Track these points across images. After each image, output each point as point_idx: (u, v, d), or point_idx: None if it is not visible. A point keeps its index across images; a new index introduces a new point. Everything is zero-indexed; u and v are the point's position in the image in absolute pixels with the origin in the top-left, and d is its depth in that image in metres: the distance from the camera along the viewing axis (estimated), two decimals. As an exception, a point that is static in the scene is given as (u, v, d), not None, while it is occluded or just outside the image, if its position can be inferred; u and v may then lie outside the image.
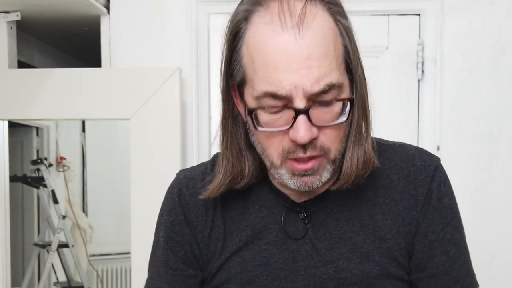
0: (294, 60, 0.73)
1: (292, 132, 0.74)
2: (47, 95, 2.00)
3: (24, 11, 2.07)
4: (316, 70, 0.73)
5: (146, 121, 1.96)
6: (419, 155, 0.86)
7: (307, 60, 0.73)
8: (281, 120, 0.75)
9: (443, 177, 0.86)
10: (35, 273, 3.00)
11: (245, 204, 0.87)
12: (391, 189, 0.85)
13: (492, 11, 2.02)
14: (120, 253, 3.27)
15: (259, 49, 0.75)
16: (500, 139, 2.03)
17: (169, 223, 0.89)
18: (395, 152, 0.87)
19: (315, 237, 0.84)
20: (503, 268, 2.00)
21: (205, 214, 0.88)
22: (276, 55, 0.73)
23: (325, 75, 0.74)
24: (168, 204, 0.90)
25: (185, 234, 0.88)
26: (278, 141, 0.77)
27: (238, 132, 0.84)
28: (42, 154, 2.95)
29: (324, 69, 0.74)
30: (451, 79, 2.03)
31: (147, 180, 1.92)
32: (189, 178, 0.91)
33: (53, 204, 2.89)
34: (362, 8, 2.00)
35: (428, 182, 0.84)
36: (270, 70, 0.74)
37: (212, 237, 0.87)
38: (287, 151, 0.76)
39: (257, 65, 0.75)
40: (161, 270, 0.89)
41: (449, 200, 0.85)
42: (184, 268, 0.88)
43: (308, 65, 0.73)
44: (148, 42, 2.08)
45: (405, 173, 0.85)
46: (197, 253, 0.88)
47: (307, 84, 0.73)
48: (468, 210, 1.97)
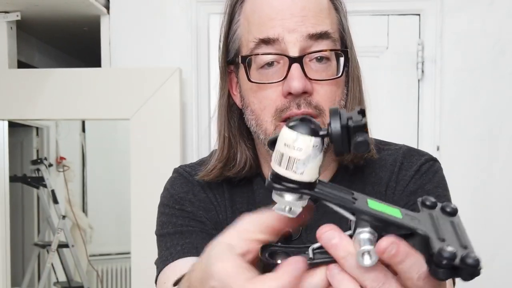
0: (288, 10, 0.75)
1: (286, 83, 0.74)
2: (47, 95, 2.00)
3: (24, 11, 2.07)
4: (311, 18, 0.75)
5: (146, 121, 1.96)
6: (409, 154, 0.86)
7: (302, 10, 0.75)
8: (273, 76, 0.76)
9: (432, 170, 0.84)
10: (35, 273, 3.00)
11: (248, 198, 0.87)
12: (378, 185, 0.84)
13: (492, 11, 2.02)
14: (120, 253, 3.27)
15: (255, 9, 0.77)
16: (500, 139, 2.03)
17: (182, 193, 0.85)
18: (388, 154, 0.87)
19: (308, 240, 0.82)
20: (503, 268, 2.00)
21: (219, 197, 0.86)
22: (271, 9, 0.75)
23: (320, 23, 0.75)
24: (177, 183, 0.87)
25: (202, 200, 0.85)
26: (271, 101, 0.76)
27: (232, 120, 0.85)
28: (42, 154, 2.96)
29: (319, 19, 0.75)
30: (451, 79, 2.03)
31: (147, 180, 1.92)
32: (190, 166, 0.91)
33: (53, 204, 2.89)
34: (362, 8, 2.00)
35: (410, 175, 0.83)
36: (263, 21, 0.76)
37: (229, 219, 0.85)
38: (281, 109, 0.76)
39: (251, 25, 0.77)
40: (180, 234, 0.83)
41: (434, 188, 0.83)
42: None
43: (303, 14, 0.75)
44: (148, 42, 2.08)
45: (390, 169, 0.84)
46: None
47: (301, 29, 0.74)
48: (468, 210, 1.97)
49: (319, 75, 0.76)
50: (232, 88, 0.85)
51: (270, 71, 0.76)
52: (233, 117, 0.85)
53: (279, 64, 0.76)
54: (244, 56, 0.77)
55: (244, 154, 0.84)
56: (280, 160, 0.43)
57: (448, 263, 0.40)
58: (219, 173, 0.84)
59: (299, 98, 0.75)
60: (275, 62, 0.76)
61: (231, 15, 0.81)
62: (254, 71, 0.77)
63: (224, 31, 0.82)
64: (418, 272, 0.42)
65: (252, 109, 0.79)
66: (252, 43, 0.76)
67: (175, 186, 0.88)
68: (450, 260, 0.40)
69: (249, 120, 0.81)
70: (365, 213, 0.43)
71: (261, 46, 0.75)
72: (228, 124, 0.84)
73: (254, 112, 0.79)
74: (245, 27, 0.79)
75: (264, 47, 0.75)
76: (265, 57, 0.76)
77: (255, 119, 0.79)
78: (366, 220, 0.44)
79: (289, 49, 0.74)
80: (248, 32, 0.78)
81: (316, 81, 0.75)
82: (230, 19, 0.81)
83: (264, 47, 0.75)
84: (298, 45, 0.74)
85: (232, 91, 0.85)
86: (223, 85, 0.85)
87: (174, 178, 0.90)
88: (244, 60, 0.77)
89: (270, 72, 0.76)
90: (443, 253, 0.40)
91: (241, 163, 0.84)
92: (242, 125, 0.84)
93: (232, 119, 0.85)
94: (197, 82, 2.04)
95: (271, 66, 0.76)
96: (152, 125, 1.96)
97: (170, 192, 0.88)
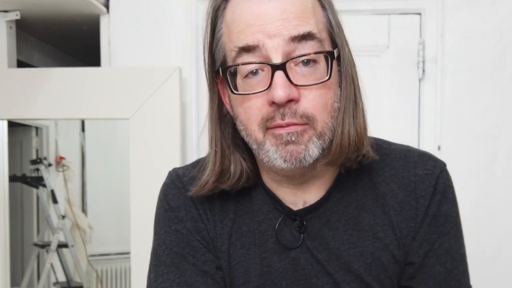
0: (267, 15, 0.71)
1: (269, 92, 0.71)
2: (46, 94, 1.99)
3: (23, 10, 2.06)
4: (292, 20, 0.71)
5: (146, 120, 1.95)
6: (422, 162, 0.82)
7: (282, 13, 0.71)
8: (258, 85, 0.73)
9: (446, 184, 0.81)
10: (35, 273, 3.00)
11: (244, 208, 0.84)
12: (391, 198, 0.81)
13: (493, 11, 2.02)
14: (120, 253, 3.27)
15: (235, 17, 0.74)
16: (501, 138, 2.02)
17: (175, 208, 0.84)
18: (396, 159, 0.83)
19: (312, 247, 0.81)
20: (503, 269, 1.99)
21: (209, 212, 0.84)
22: (249, 16, 0.72)
23: (303, 23, 0.71)
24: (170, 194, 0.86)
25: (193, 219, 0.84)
26: (256, 110, 0.73)
27: (226, 130, 0.82)
28: (42, 154, 2.95)
29: (302, 19, 0.71)
30: (452, 79, 2.02)
31: (147, 180, 1.91)
32: (184, 169, 0.89)
33: (53, 204, 2.89)
34: (363, 7, 1.99)
35: (430, 192, 0.80)
36: (242, 28, 0.72)
37: (218, 236, 0.83)
38: (266, 118, 0.73)
39: (232, 33, 0.74)
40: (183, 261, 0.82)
41: (449, 208, 0.81)
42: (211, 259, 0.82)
43: (283, 17, 0.71)
44: (148, 41, 2.07)
45: (405, 182, 0.81)
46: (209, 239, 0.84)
47: (283, 32, 0.70)
48: (469, 210, 1.97)
49: (306, 80, 0.72)
50: (224, 97, 0.82)
51: (254, 80, 0.73)
52: (227, 128, 0.82)
53: (263, 72, 0.73)
54: (224, 67, 0.75)
55: (239, 165, 0.81)
56: None
57: None
58: (212, 187, 0.81)
59: (284, 108, 0.71)
60: (259, 70, 0.73)
61: (213, 23, 0.79)
62: (240, 80, 0.74)
63: (208, 41, 0.80)
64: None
65: (240, 119, 0.77)
66: (233, 52, 0.73)
67: (168, 199, 0.86)
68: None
69: (240, 131, 0.78)
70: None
71: (242, 55, 0.72)
72: (221, 135, 0.81)
73: (242, 122, 0.77)
74: (227, 35, 0.76)
75: (245, 55, 0.72)
76: (248, 66, 0.73)
77: (244, 129, 0.77)
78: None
79: (271, 56, 0.71)
80: (230, 41, 0.75)
81: (303, 87, 0.72)
82: (213, 28, 0.79)
83: (246, 56, 0.72)
84: (281, 50, 0.70)
85: (225, 100, 0.82)
86: (212, 96, 0.82)
87: (167, 187, 0.88)
88: (225, 72, 0.74)
89: (255, 81, 0.73)
90: None
91: (236, 175, 0.81)
92: (237, 135, 0.81)
93: (225, 129, 0.82)
94: (197, 82, 2.04)
95: (256, 75, 0.73)
96: (152, 124, 1.96)
97: (164, 206, 0.86)
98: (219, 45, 0.78)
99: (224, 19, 0.77)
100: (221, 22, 0.77)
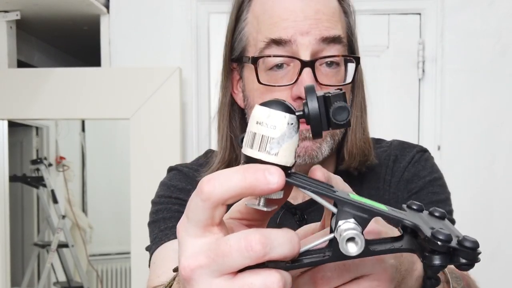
0: (301, 12, 0.73)
1: (296, 87, 0.73)
2: (46, 94, 1.99)
3: (23, 10, 2.07)
4: (325, 21, 0.73)
5: (146, 120, 1.95)
6: (400, 145, 0.87)
7: (316, 13, 0.73)
8: (283, 78, 0.74)
9: (422, 158, 0.85)
10: (35, 273, 3.00)
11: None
12: (376, 181, 0.85)
13: (493, 11, 2.02)
14: (120, 253, 3.27)
15: (265, 9, 0.75)
16: (501, 138, 2.02)
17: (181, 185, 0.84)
18: (382, 150, 0.88)
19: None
20: (503, 267, 1.99)
21: None
22: (283, 10, 0.74)
23: (333, 26, 0.74)
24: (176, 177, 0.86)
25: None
26: None
27: (234, 120, 0.83)
28: (42, 154, 2.95)
29: (332, 22, 0.74)
30: (452, 79, 2.02)
31: (147, 179, 1.91)
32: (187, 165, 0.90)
33: (53, 204, 2.89)
34: (363, 7, 1.99)
35: (404, 166, 0.84)
36: (275, 21, 0.74)
37: None
38: None
39: (262, 24, 0.75)
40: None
41: (428, 174, 0.83)
42: None
43: (317, 17, 0.73)
44: (148, 41, 2.07)
45: (385, 163, 0.85)
46: None
47: (315, 32, 0.72)
48: (468, 210, 1.97)
49: (329, 80, 0.74)
50: (233, 87, 0.83)
51: (279, 73, 0.74)
52: (235, 117, 0.83)
53: (289, 66, 0.74)
54: (255, 57, 0.75)
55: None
56: (252, 141, 0.39)
57: (444, 244, 0.37)
58: None
59: None
60: (285, 64, 0.74)
61: (238, 12, 0.80)
62: (262, 72, 0.76)
63: (230, 28, 0.80)
64: None
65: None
66: (262, 42, 0.74)
67: (173, 180, 0.87)
68: (445, 242, 0.37)
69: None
70: (348, 203, 0.40)
71: (271, 47, 0.74)
72: (229, 124, 0.83)
73: None
74: (253, 26, 0.77)
75: (274, 48, 0.74)
76: (275, 59, 0.74)
77: None
78: (349, 212, 0.40)
79: (301, 52, 0.73)
80: (258, 31, 0.76)
81: (326, 86, 0.74)
82: (237, 16, 0.80)
83: (275, 48, 0.73)
84: (310, 48, 0.72)
85: (233, 90, 0.83)
86: (226, 84, 0.83)
87: (173, 174, 0.89)
88: (254, 61, 0.75)
89: (280, 74, 0.74)
90: (438, 234, 0.37)
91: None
92: (244, 125, 0.83)
93: (233, 118, 0.83)
94: (197, 82, 2.04)
95: (281, 68, 0.74)
96: (152, 124, 1.96)
97: (167, 184, 0.87)
98: (242, 34, 0.79)
99: (251, 9, 0.78)
100: (247, 12, 0.79)
